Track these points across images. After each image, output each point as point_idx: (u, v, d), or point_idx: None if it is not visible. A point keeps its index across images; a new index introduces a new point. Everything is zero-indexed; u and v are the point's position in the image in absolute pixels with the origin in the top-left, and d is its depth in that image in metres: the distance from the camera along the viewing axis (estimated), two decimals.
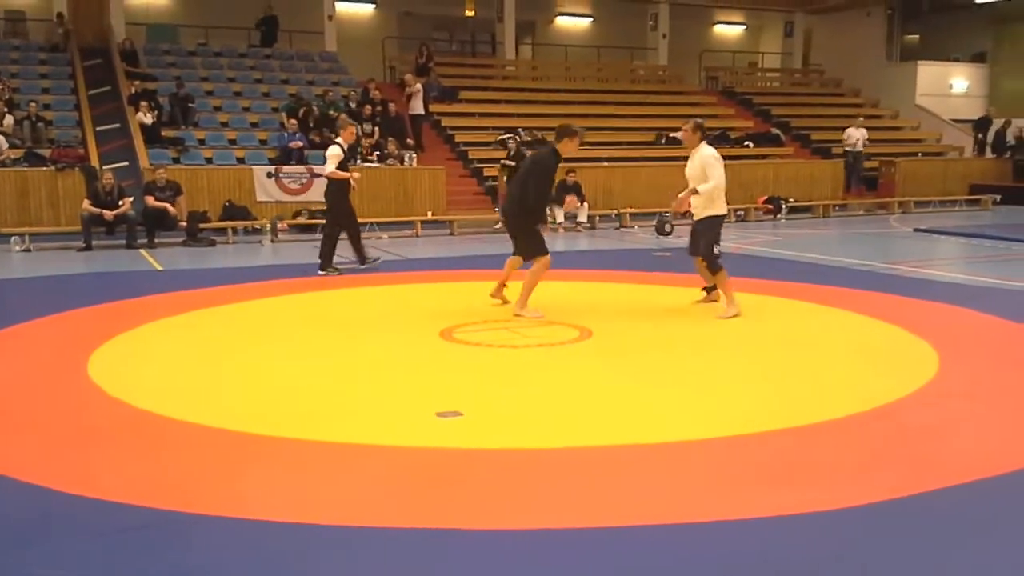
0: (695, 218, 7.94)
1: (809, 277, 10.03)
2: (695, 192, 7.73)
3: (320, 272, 10.31)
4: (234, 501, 3.75)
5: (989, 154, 23.74)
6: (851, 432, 4.66)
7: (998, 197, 21.45)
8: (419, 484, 3.95)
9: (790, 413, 4.90)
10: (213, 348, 6.75)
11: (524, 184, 7.84)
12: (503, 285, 8.28)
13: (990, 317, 7.55)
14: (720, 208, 7.85)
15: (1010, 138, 23.49)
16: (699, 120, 8.07)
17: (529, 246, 7.94)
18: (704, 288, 8.32)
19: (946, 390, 5.41)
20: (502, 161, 16.78)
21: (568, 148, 7.89)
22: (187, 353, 6.57)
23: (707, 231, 7.81)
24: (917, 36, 27.83)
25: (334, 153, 10.32)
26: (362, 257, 10.82)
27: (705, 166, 7.67)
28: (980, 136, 23.79)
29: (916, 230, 15.80)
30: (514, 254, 8.17)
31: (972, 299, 8.47)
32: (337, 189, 10.43)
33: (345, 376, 5.92)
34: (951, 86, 26.45)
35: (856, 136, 20.79)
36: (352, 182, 10.40)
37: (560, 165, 10.45)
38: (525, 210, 7.86)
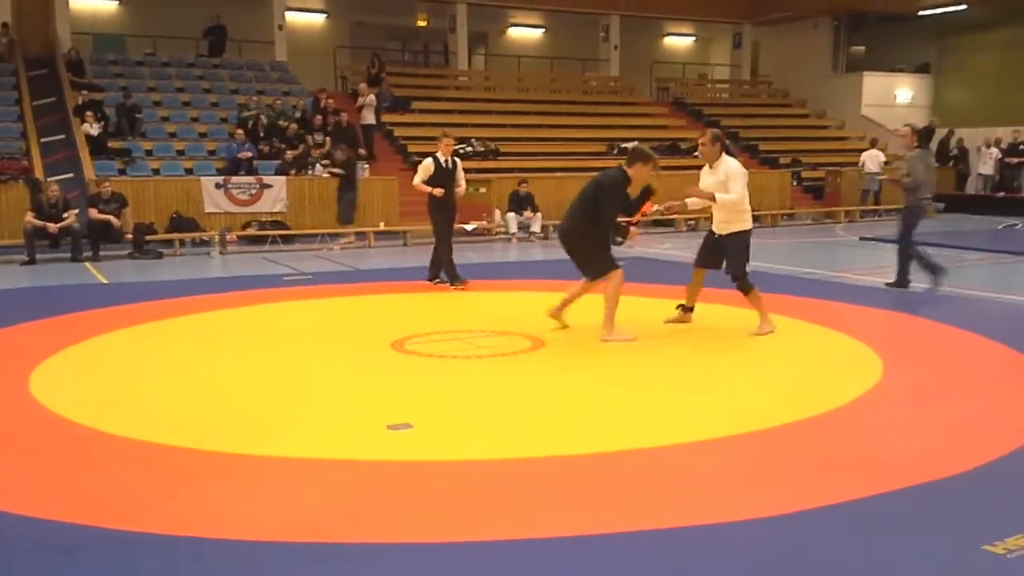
0: (718, 233, 7.58)
1: (758, 285, 10.10)
2: (688, 198, 7.60)
3: (451, 285, 10.03)
4: (180, 519, 3.68)
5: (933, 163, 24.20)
6: (797, 438, 4.71)
7: (942, 205, 21.81)
8: (369, 498, 3.91)
9: (740, 420, 4.94)
10: (160, 363, 6.63)
11: (588, 209, 7.25)
12: (566, 305, 7.70)
13: (934, 323, 7.70)
14: (746, 223, 7.52)
15: (953, 147, 24.01)
16: (717, 131, 7.64)
17: (600, 265, 7.32)
18: (679, 306, 7.93)
19: (889, 395, 5.49)
20: (329, 170, 16.24)
21: (640, 175, 7.30)
22: (132, 368, 6.45)
23: (735, 249, 7.45)
24: (863, 47, 28.31)
25: (423, 165, 10.11)
26: (435, 274, 10.38)
27: (729, 178, 7.30)
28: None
29: (862, 239, 16.07)
30: (589, 278, 7.51)
31: (917, 306, 8.62)
32: (429, 203, 10.18)
33: (295, 389, 5.84)
34: (896, 96, 26.95)
35: (881, 157, 21.17)
36: (448, 193, 10.05)
37: (511, 175, 10.53)
38: (591, 233, 7.30)
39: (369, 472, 4.22)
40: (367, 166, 17.83)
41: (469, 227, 16.49)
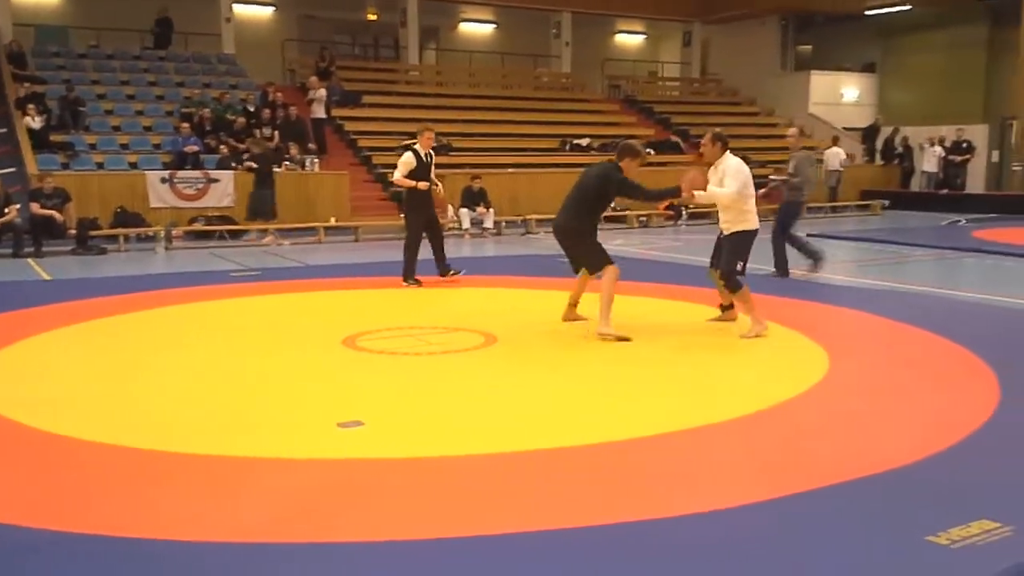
0: (723, 233, 7.47)
1: (706, 281, 10.21)
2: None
3: (404, 281, 9.90)
4: (129, 520, 3.60)
5: (878, 161, 24.67)
6: (742, 433, 4.75)
7: (887, 202, 22.32)
8: (320, 497, 3.86)
9: (687, 415, 4.98)
10: (105, 361, 6.49)
11: (592, 204, 7.36)
12: (575, 304, 7.74)
13: (879, 318, 7.82)
14: (750, 223, 7.35)
15: (898, 145, 24.47)
16: (718, 131, 7.43)
17: (596, 260, 7.35)
18: (720, 306, 7.79)
19: (834, 390, 5.57)
20: (246, 164, 15.86)
21: (631, 169, 7.33)
22: (76, 367, 6.32)
23: (732, 247, 7.33)
24: (810, 46, 28.73)
25: (405, 160, 9.90)
26: (444, 268, 10.22)
27: (726, 175, 7.18)
28: (867, 144, 24.74)
29: (809, 235, 16.24)
30: (577, 272, 7.68)
31: (862, 301, 8.76)
32: (409, 197, 9.99)
33: (243, 387, 5.76)
34: (842, 95, 27.38)
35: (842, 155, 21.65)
36: (429, 188, 9.84)
37: (464, 171, 10.48)
38: (583, 225, 7.39)
39: (319, 471, 4.17)
40: (317, 160, 17.67)
41: None
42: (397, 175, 9.94)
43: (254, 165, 15.41)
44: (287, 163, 16.98)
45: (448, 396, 5.51)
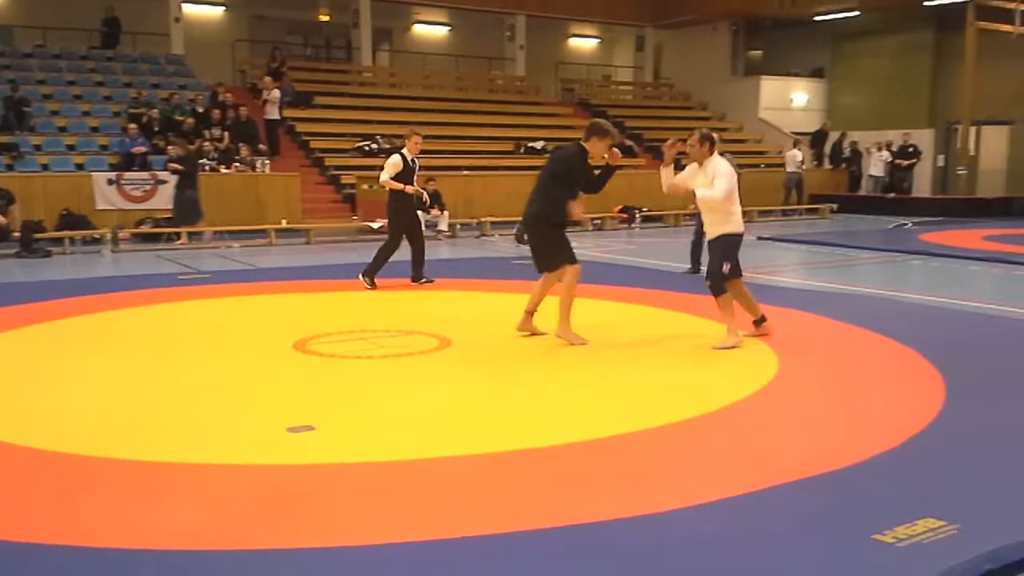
0: (708, 238, 7.24)
1: (660, 284, 10.30)
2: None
3: (361, 276, 9.79)
4: (78, 528, 3.51)
5: (827, 165, 25.02)
6: (692, 434, 4.78)
7: (835, 206, 22.65)
8: (269, 503, 3.80)
9: (637, 416, 4.98)
10: (47, 365, 6.35)
11: (547, 188, 6.95)
12: (532, 312, 7.23)
13: (827, 320, 7.92)
14: (734, 226, 7.10)
15: (846, 150, 24.85)
16: (706, 131, 7.13)
17: (556, 258, 7.03)
18: (754, 321, 7.31)
19: (783, 391, 5.62)
20: (169, 165, 15.19)
21: (598, 149, 7.03)
22: (20, 372, 6.17)
23: (718, 250, 7.06)
24: (760, 52, 29.06)
25: (391, 162, 9.83)
26: (418, 275, 10.13)
27: (716, 176, 6.89)
28: (815, 148, 25.10)
29: (760, 238, 16.46)
30: (541, 271, 7.21)
31: (811, 303, 8.87)
32: (394, 200, 9.87)
33: (190, 392, 5.66)
34: (792, 100, 27.73)
35: (798, 157, 22.09)
36: (411, 192, 9.80)
37: (419, 173, 10.43)
38: (548, 216, 6.98)
39: (268, 476, 4.11)
40: (268, 162, 17.49)
41: (375, 225, 16.32)
42: (384, 176, 9.90)
43: (179, 167, 14.92)
44: (237, 164, 16.78)
45: (401, 400, 5.46)
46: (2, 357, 6.62)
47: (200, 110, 18.09)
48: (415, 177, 10.08)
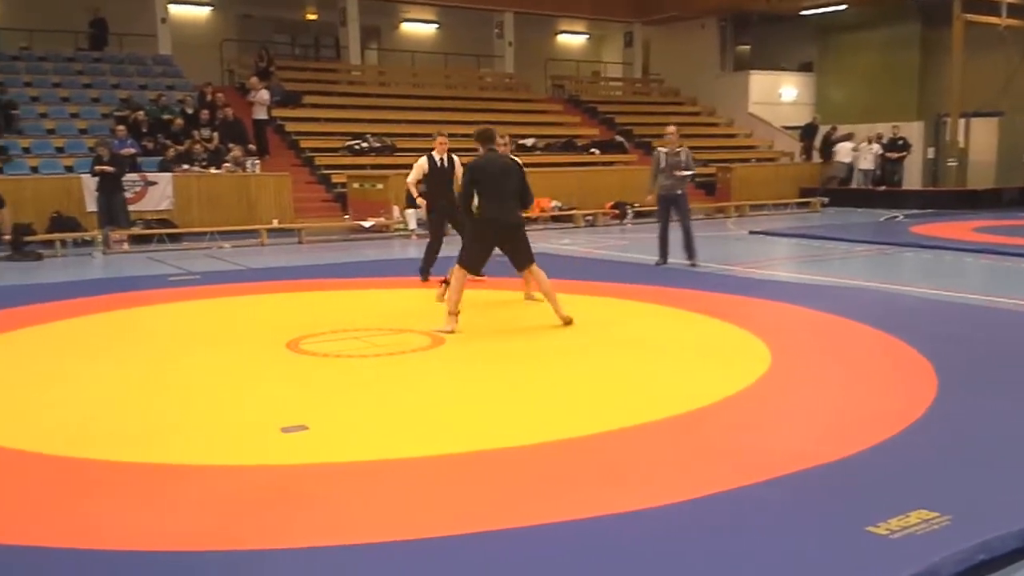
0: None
1: (653, 279, 10.31)
2: None
3: (423, 280, 9.96)
4: (75, 531, 3.50)
5: (816, 159, 25.07)
6: (685, 428, 4.78)
7: (826, 200, 22.70)
8: (263, 503, 3.79)
9: (627, 413, 4.98)
10: (39, 368, 6.33)
11: (515, 191, 7.45)
12: (532, 296, 8.13)
13: (820, 313, 7.94)
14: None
15: (835, 143, 24.83)
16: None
17: (530, 252, 7.65)
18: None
19: (775, 385, 5.64)
20: (98, 168, 14.19)
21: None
22: (12, 375, 6.14)
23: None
24: (748, 46, 29.10)
25: (419, 164, 9.84)
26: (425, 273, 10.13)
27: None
28: (805, 142, 25.15)
29: (751, 232, 16.51)
30: (522, 269, 7.77)
31: (803, 297, 8.89)
32: (428, 200, 9.94)
33: (184, 394, 5.64)
34: (780, 95, 27.78)
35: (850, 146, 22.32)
36: (443, 194, 9.80)
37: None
38: (519, 214, 7.60)
39: (262, 476, 4.10)
40: (258, 162, 17.45)
41: (367, 224, 16.32)
42: (409, 178, 9.91)
43: (109, 169, 14.17)
44: (227, 164, 16.74)
45: (394, 398, 5.46)
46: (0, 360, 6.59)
47: (189, 111, 18.03)
48: (453, 177, 9.92)
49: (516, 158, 7.97)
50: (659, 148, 11.64)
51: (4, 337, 7.34)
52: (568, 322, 7.45)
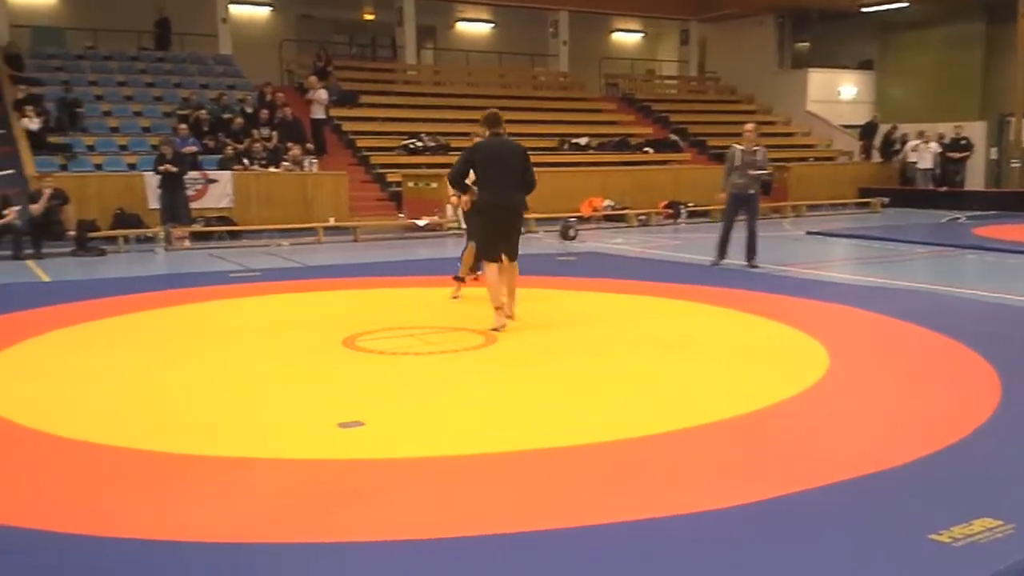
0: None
1: (707, 279, 10.24)
2: None
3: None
4: (132, 521, 3.59)
5: (876, 158, 24.66)
6: (743, 431, 4.75)
7: (886, 200, 22.30)
8: (320, 497, 3.85)
9: (682, 415, 4.96)
10: (104, 362, 6.49)
11: (516, 175, 7.47)
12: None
13: (878, 315, 7.82)
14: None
15: (896, 143, 24.42)
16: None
17: (516, 245, 7.71)
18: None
19: (834, 388, 5.56)
20: (162, 168, 14.50)
21: None
22: (76, 367, 6.31)
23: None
24: (807, 44, 28.71)
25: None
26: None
27: None
28: (865, 141, 24.75)
29: (809, 233, 16.29)
30: (512, 258, 7.65)
31: (861, 299, 8.76)
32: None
33: (243, 388, 5.75)
34: (839, 92, 27.36)
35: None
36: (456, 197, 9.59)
37: None
38: (520, 199, 7.67)
39: (320, 471, 4.17)
40: (315, 161, 17.67)
41: (421, 222, 16.42)
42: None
43: (173, 169, 14.49)
44: (285, 163, 16.98)
45: (447, 397, 5.50)
46: (60, 354, 6.76)
47: (249, 110, 18.31)
48: None
49: (520, 144, 7.85)
50: (735, 145, 11.48)
51: (68, 331, 7.53)
52: (509, 318, 7.50)
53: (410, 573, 3.19)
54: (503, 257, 7.55)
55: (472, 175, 7.67)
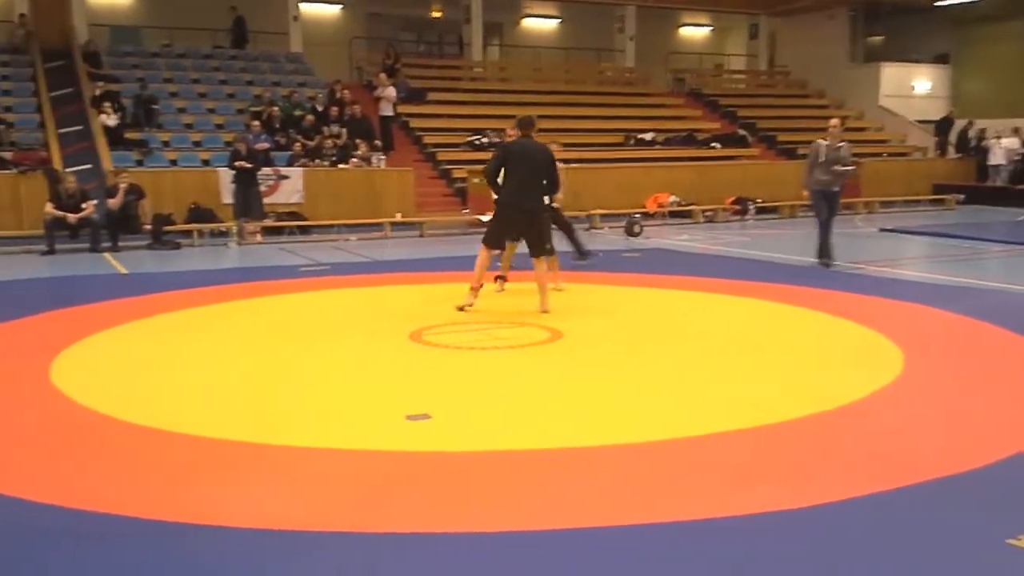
0: None
1: (777, 276, 10.10)
2: None
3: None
4: (202, 508, 3.69)
5: (952, 154, 24.03)
6: (816, 431, 4.69)
7: (962, 196, 21.73)
8: (387, 487, 3.91)
9: (758, 412, 4.92)
10: (178, 352, 6.66)
11: (541, 179, 7.83)
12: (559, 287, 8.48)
13: (954, 315, 7.64)
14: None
15: (973, 139, 23.77)
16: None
17: (548, 241, 8.18)
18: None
19: (910, 388, 5.45)
20: (238, 164, 14.58)
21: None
22: (152, 358, 6.48)
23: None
24: (880, 37, 28.10)
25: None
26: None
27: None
28: (940, 137, 24.13)
29: (882, 230, 15.95)
30: (539, 256, 8.05)
31: (937, 298, 8.56)
32: None
33: (313, 379, 5.86)
34: (914, 87, 26.74)
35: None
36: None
37: None
38: (539, 201, 7.97)
39: (387, 462, 4.23)
40: (383, 157, 17.85)
41: (485, 218, 16.44)
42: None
43: (248, 165, 14.68)
44: (354, 159, 17.18)
45: (513, 391, 5.53)
46: (136, 344, 6.96)
47: (319, 108, 18.56)
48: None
49: (549, 148, 8.07)
50: (819, 140, 11.08)
51: (144, 323, 7.74)
52: (545, 312, 7.81)
53: (472, 565, 3.22)
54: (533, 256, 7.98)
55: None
